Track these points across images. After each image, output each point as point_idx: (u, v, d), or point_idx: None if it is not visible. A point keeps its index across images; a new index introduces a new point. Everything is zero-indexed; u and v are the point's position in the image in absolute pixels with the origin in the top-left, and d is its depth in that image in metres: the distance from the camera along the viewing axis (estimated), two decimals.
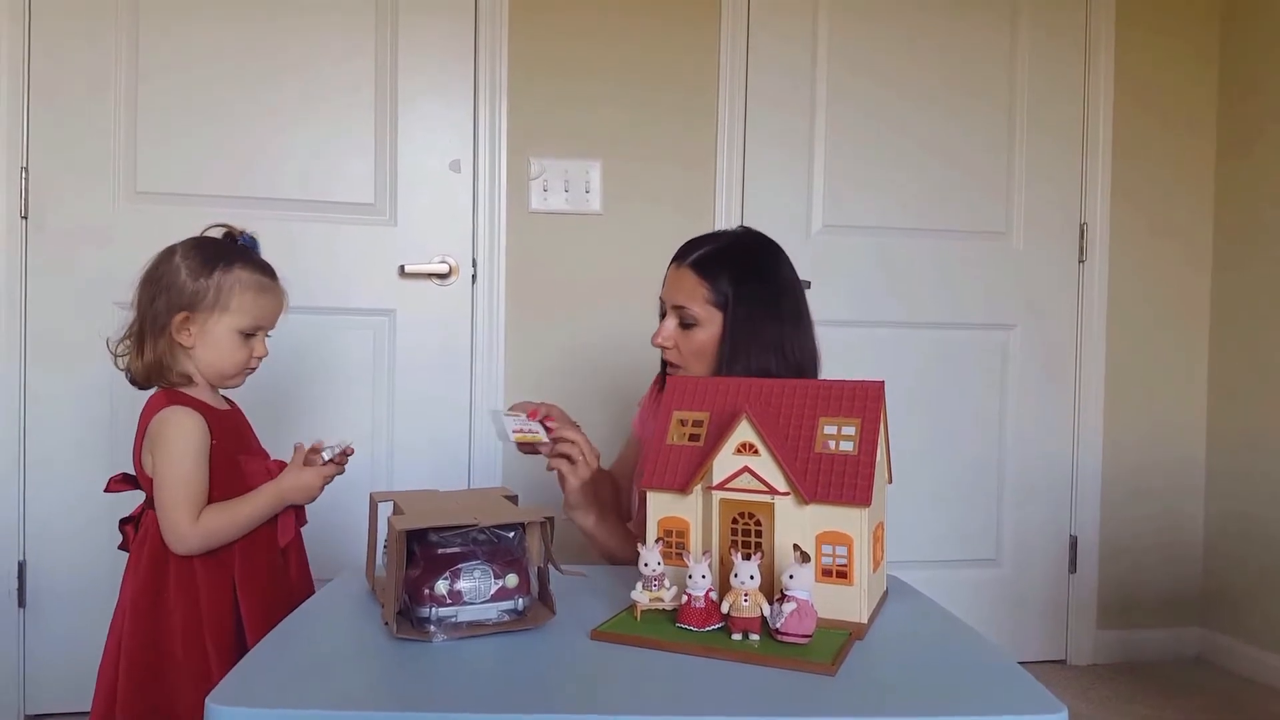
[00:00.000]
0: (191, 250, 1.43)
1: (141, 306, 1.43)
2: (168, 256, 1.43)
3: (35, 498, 2.26)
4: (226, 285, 1.42)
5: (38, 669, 2.26)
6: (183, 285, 1.40)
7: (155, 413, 1.39)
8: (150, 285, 1.42)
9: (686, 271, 1.56)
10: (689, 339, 1.55)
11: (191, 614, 1.36)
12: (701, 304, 1.54)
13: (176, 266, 1.41)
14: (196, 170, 2.31)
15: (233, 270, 1.43)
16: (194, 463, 1.38)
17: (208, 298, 1.41)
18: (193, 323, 1.41)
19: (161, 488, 1.36)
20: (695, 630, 1.05)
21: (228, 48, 2.32)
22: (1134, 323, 2.80)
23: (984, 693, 0.95)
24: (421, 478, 2.40)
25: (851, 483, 1.07)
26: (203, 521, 1.36)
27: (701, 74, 2.55)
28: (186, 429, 1.38)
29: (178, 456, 1.37)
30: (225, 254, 1.44)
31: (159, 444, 1.38)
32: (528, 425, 1.47)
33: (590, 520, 1.56)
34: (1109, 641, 2.79)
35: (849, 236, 2.65)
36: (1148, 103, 2.78)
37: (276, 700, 0.89)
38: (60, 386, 2.26)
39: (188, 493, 1.36)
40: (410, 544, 1.08)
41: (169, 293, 1.40)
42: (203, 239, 1.47)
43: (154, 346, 1.41)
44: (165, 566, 1.37)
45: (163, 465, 1.37)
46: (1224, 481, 2.79)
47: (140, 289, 1.44)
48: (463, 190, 2.45)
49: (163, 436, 1.38)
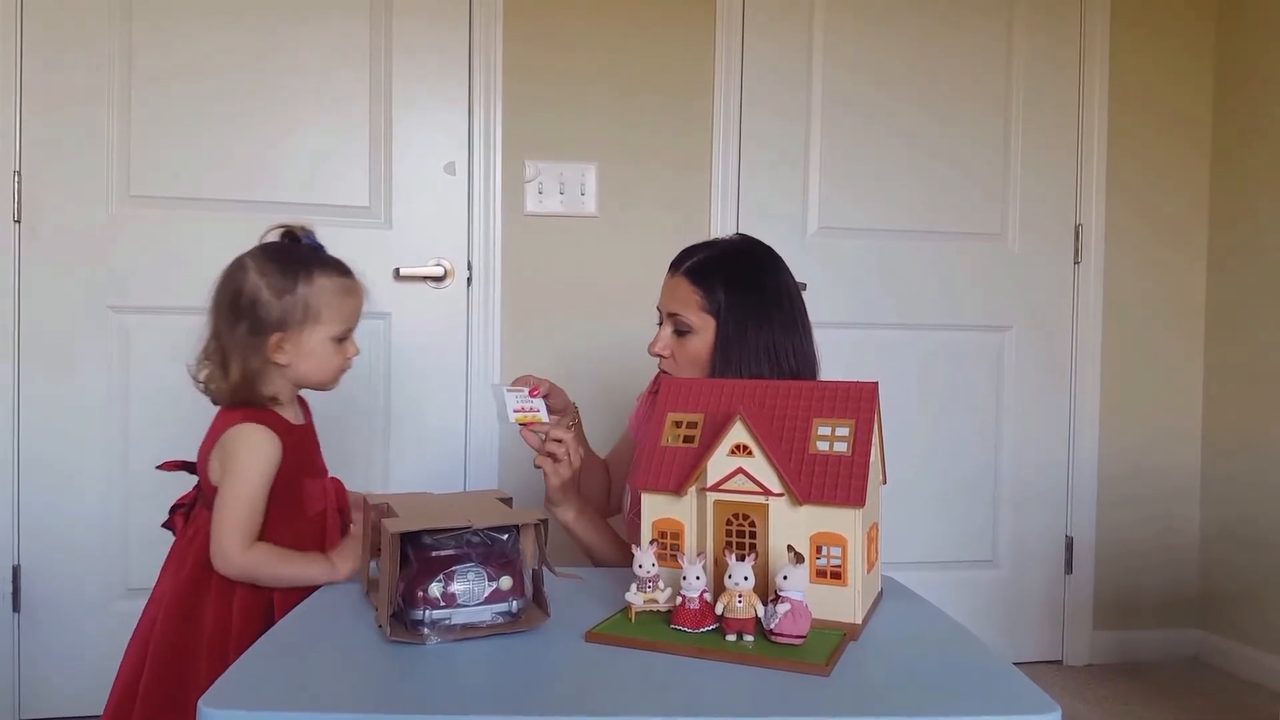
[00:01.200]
0: (267, 265, 1.37)
1: (220, 328, 1.37)
2: (241, 274, 1.37)
3: (29, 502, 2.25)
4: (314, 297, 1.37)
5: (32, 673, 2.26)
6: (269, 305, 1.35)
7: (232, 425, 1.34)
8: (230, 308, 1.36)
9: (681, 279, 1.57)
10: (684, 347, 1.56)
11: (222, 626, 1.32)
12: (695, 311, 1.55)
13: (256, 286, 1.35)
14: (190, 174, 2.31)
15: (314, 280, 1.37)
16: (259, 486, 1.33)
17: (297, 314, 1.36)
18: (286, 341, 1.37)
19: (223, 504, 1.32)
20: (689, 631, 1.05)
21: (221, 52, 2.32)
22: (1130, 324, 2.80)
23: (977, 693, 0.94)
24: (416, 481, 2.39)
25: (845, 484, 1.07)
26: (252, 555, 1.31)
27: (697, 76, 2.55)
28: (262, 449, 1.34)
29: (246, 476, 1.33)
30: (301, 262, 1.39)
31: (230, 458, 1.33)
32: (529, 403, 1.49)
33: (570, 515, 1.59)
34: (1105, 642, 2.79)
35: (845, 239, 2.65)
36: (1143, 104, 2.79)
37: (268, 703, 0.89)
38: (54, 390, 2.25)
39: (246, 514, 1.32)
40: (404, 547, 1.08)
41: (255, 315, 1.35)
42: (271, 248, 1.41)
43: (242, 367, 1.35)
44: (209, 572, 1.33)
45: (229, 482, 1.32)
46: (1220, 482, 2.79)
47: (218, 311, 1.37)
48: (458, 193, 2.45)
49: (235, 453, 1.33)
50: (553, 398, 1.61)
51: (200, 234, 2.30)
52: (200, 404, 1.43)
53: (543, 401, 1.54)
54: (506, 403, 1.49)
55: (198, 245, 2.30)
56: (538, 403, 1.52)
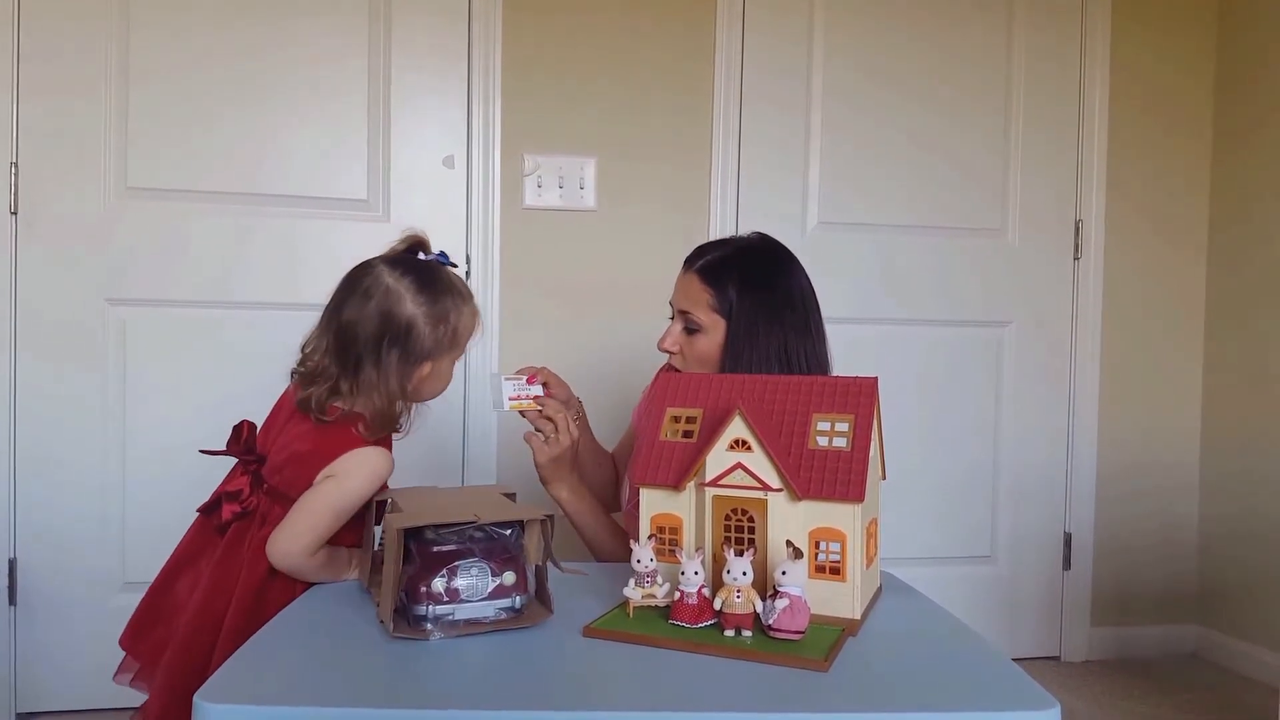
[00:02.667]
0: (421, 292, 1.33)
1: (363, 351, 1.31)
2: (396, 300, 1.31)
3: (26, 495, 2.25)
4: (462, 328, 1.36)
5: (29, 667, 2.25)
6: (424, 336, 1.32)
7: (356, 448, 1.30)
8: (376, 329, 1.31)
9: (693, 277, 1.56)
10: (693, 345, 1.56)
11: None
12: (705, 310, 1.54)
13: (413, 315, 1.31)
14: (188, 166, 2.30)
15: (461, 310, 1.36)
16: (356, 503, 1.30)
17: (446, 343, 1.35)
18: (433, 371, 1.36)
19: (313, 508, 1.28)
20: (688, 627, 1.04)
21: (219, 44, 2.31)
22: (1129, 319, 2.80)
23: (977, 688, 0.94)
24: (416, 475, 2.38)
25: (844, 479, 1.07)
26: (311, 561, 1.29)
27: (697, 70, 2.55)
28: (378, 473, 1.31)
29: (350, 494, 1.29)
30: (447, 290, 1.36)
31: (346, 475, 1.29)
32: (524, 390, 1.50)
33: (563, 493, 1.60)
34: (1103, 638, 2.79)
35: (844, 234, 2.64)
36: (1144, 99, 2.78)
37: (267, 697, 0.89)
38: (51, 383, 2.25)
39: (330, 524, 1.29)
40: (407, 542, 1.07)
41: (408, 344, 1.32)
42: (415, 269, 1.35)
43: (387, 395, 1.32)
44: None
45: (332, 491, 1.28)
46: (1219, 478, 2.79)
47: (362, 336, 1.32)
48: (457, 187, 2.44)
49: (353, 473, 1.29)
50: (554, 388, 1.61)
51: (198, 226, 2.29)
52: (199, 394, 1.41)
53: (540, 388, 1.55)
54: (502, 390, 1.50)
55: (195, 238, 2.30)
56: (535, 389, 1.53)
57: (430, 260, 1.38)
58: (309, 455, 1.32)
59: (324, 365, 1.34)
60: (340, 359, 1.33)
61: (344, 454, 1.30)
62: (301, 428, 1.35)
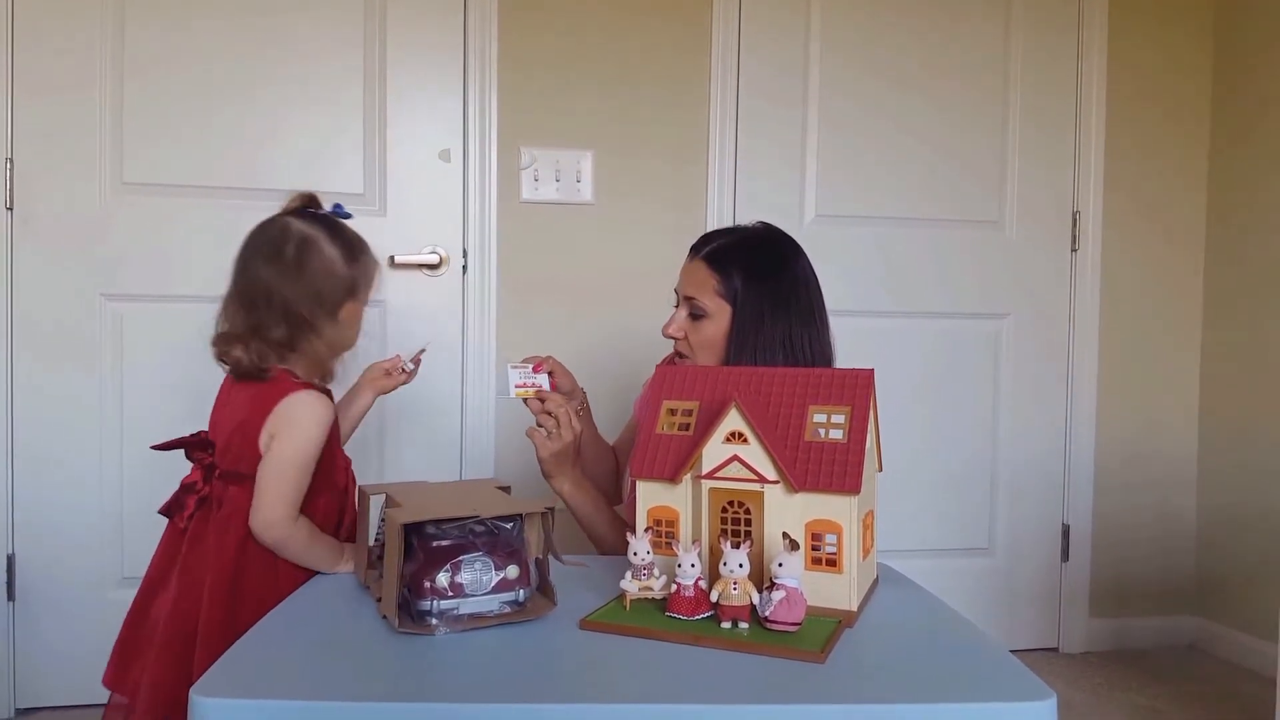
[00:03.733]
0: (334, 237, 1.39)
1: (290, 298, 1.34)
2: (310, 244, 1.36)
3: (24, 491, 2.25)
4: (368, 268, 1.41)
5: (27, 663, 2.25)
6: (342, 275, 1.37)
7: (288, 394, 1.33)
8: (299, 275, 1.35)
9: (699, 264, 1.57)
10: (698, 331, 1.56)
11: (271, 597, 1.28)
12: (711, 296, 1.54)
13: (331, 256, 1.37)
14: (184, 161, 2.29)
15: (367, 252, 1.42)
16: (314, 452, 1.33)
17: (361, 283, 1.40)
18: (353, 309, 1.40)
19: (276, 468, 1.30)
20: (685, 619, 1.05)
21: (215, 38, 2.30)
22: (1127, 311, 2.80)
23: (973, 679, 0.94)
24: (412, 470, 2.39)
25: (841, 471, 1.07)
26: (297, 529, 1.31)
27: (694, 63, 2.54)
28: (322, 418, 1.34)
29: (305, 443, 1.32)
30: (352, 234, 1.43)
31: (290, 425, 1.31)
32: (531, 379, 1.53)
33: (565, 487, 1.61)
34: (1101, 630, 2.80)
35: (842, 226, 2.64)
36: (1141, 91, 2.78)
37: (268, 692, 0.88)
38: (48, 378, 2.25)
39: (299, 480, 1.31)
40: (408, 537, 1.07)
41: (331, 283, 1.36)
42: (322, 219, 1.41)
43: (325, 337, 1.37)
44: (249, 548, 1.31)
45: (286, 447, 1.31)
46: (1217, 470, 2.79)
47: (280, 279, 1.35)
48: (453, 180, 2.43)
49: (297, 420, 1.32)
50: (559, 378, 1.63)
51: (194, 222, 2.28)
52: (196, 390, 1.41)
53: (546, 377, 1.57)
54: (509, 378, 1.52)
55: (191, 233, 2.29)
56: (540, 378, 1.55)
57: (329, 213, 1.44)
58: (248, 419, 1.34)
59: (251, 323, 1.36)
60: (265, 313, 1.35)
61: (278, 404, 1.32)
62: (240, 398, 1.37)
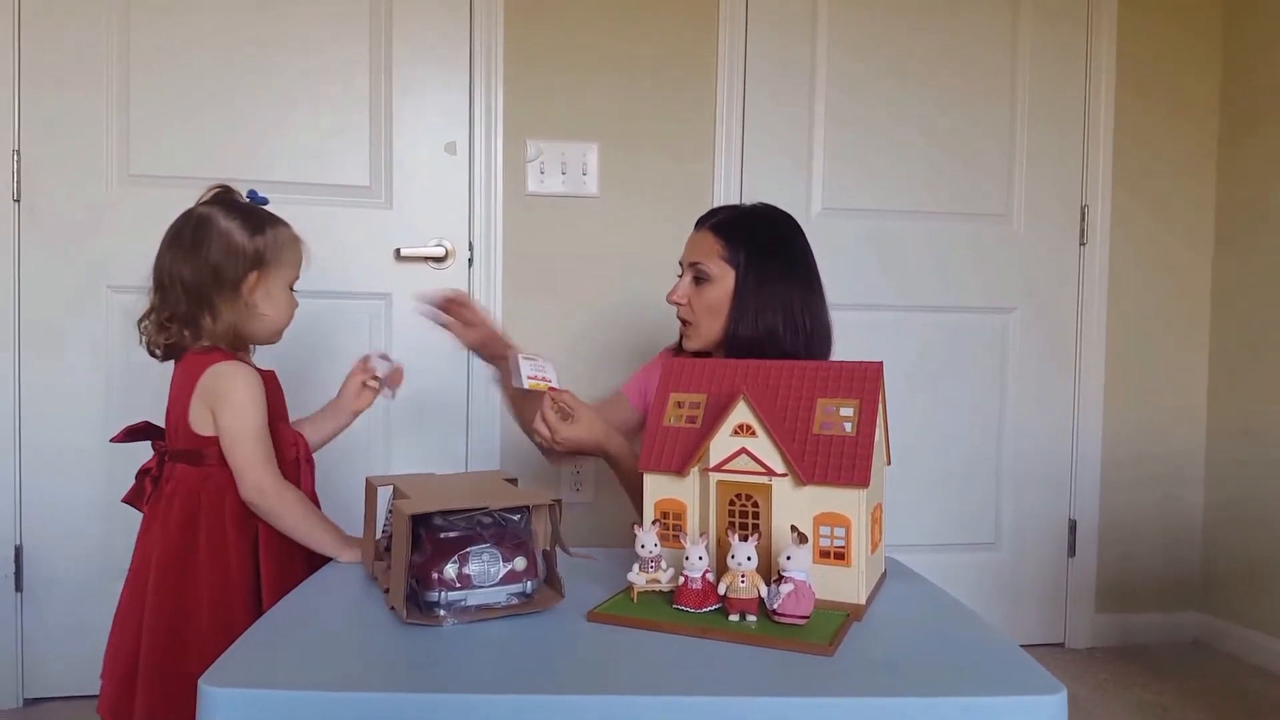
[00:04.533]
0: (230, 212, 1.40)
1: (187, 276, 1.37)
2: (205, 221, 1.39)
3: (31, 482, 2.25)
4: (280, 240, 1.42)
5: (35, 653, 2.26)
6: (243, 246, 1.38)
7: (207, 368, 1.35)
8: (195, 253, 1.37)
9: (705, 232, 1.65)
10: (702, 295, 1.62)
11: (220, 577, 1.33)
12: (716, 260, 1.61)
13: (226, 229, 1.38)
14: (190, 153, 2.29)
15: (276, 226, 1.43)
16: (263, 417, 1.36)
17: (269, 255, 1.40)
18: (260, 282, 1.40)
19: (239, 438, 1.33)
20: (692, 611, 1.04)
21: (221, 30, 2.30)
22: (1134, 306, 2.79)
23: (982, 673, 0.94)
24: (418, 461, 2.39)
25: (849, 464, 1.07)
26: (288, 490, 1.34)
27: (700, 56, 2.53)
28: (251, 384, 1.36)
29: (250, 410, 1.34)
30: (260, 211, 1.44)
31: (225, 398, 1.34)
32: (542, 371, 1.52)
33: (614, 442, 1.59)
34: (1107, 625, 2.79)
35: (848, 220, 2.63)
36: (1150, 85, 2.76)
37: (273, 682, 0.88)
38: (55, 370, 2.25)
39: (265, 444, 1.34)
40: (415, 528, 1.07)
41: (229, 257, 1.37)
42: (224, 200, 1.44)
43: (228, 310, 1.37)
44: (197, 526, 1.34)
45: (235, 416, 1.33)
46: (1223, 466, 2.78)
47: (178, 259, 1.39)
48: (459, 173, 2.43)
49: (229, 390, 1.34)
50: None
51: None
52: None
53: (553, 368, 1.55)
54: (521, 369, 1.52)
55: None
56: (550, 370, 1.54)
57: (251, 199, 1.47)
58: (177, 397, 1.38)
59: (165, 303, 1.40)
60: (169, 294, 1.39)
61: (200, 379, 1.35)
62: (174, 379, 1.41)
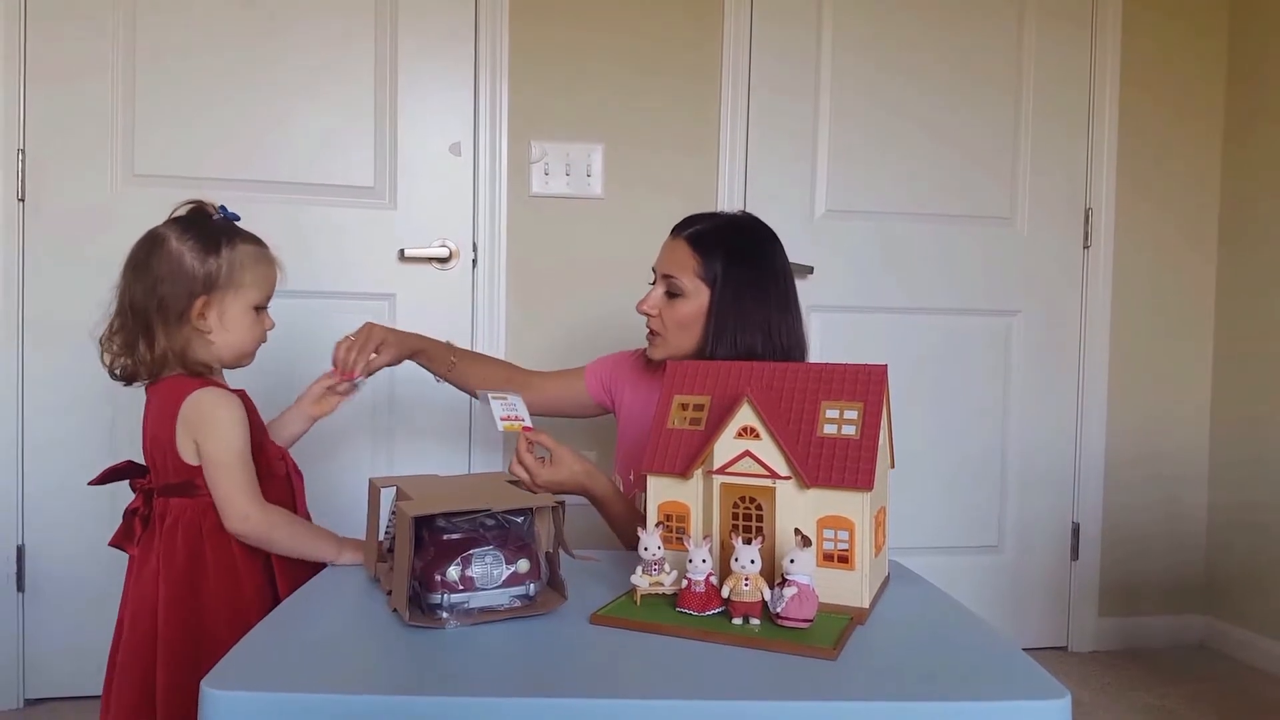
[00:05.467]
0: (185, 233, 1.37)
1: (136, 298, 1.36)
2: (158, 243, 1.36)
3: (34, 482, 2.25)
4: (236, 261, 1.37)
5: (37, 653, 2.26)
6: (191, 270, 1.34)
7: (186, 396, 1.33)
8: (144, 275, 1.35)
9: (681, 243, 1.59)
10: (673, 309, 1.58)
11: (235, 596, 1.32)
12: (690, 276, 1.56)
13: (177, 251, 1.34)
14: (195, 153, 2.29)
15: (235, 246, 1.38)
16: (245, 443, 1.33)
17: (221, 278, 1.36)
18: (210, 306, 1.36)
19: (221, 467, 1.30)
20: (695, 615, 1.04)
21: (226, 30, 2.30)
22: (1139, 309, 2.78)
23: (986, 677, 0.94)
24: (420, 463, 2.39)
25: (853, 467, 1.06)
26: (273, 514, 1.31)
27: (704, 57, 2.53)
28: (231, 412, 1.34)
29: (232, 437, 1.32)
30: (220, 230, 1.39)
31: (208, 426, 1.32)
32: (513, 410, 1.48)
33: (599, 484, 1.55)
34: (1111, 629, 2.79)
35: (853, 221, 2.63)
36: (1154, 87, 2.76)
37: (280, 684, 0.88)
38: (58, 370, 2.25)
39: (248, 471, 1.32)
40: (418, 530, 1.07)
41: (177, 280, 1.34)
42: (185, 219, 1.40)
43: (166, 337, 1.34)
44: (202, 555, 1.32)
45: (218, 447, 1.31)
46: (1227, 468, 2.78)
47: (130, 281, 1.37)
48: (463, 174, 2.43)
49: (211, 419, 1.32)
50: None
51: None
52: None
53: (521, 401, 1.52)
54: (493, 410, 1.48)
55: None
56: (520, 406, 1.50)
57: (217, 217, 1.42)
58: (158, 430, 1.35)
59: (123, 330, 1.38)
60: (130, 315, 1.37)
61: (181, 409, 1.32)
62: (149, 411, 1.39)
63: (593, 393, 1.84)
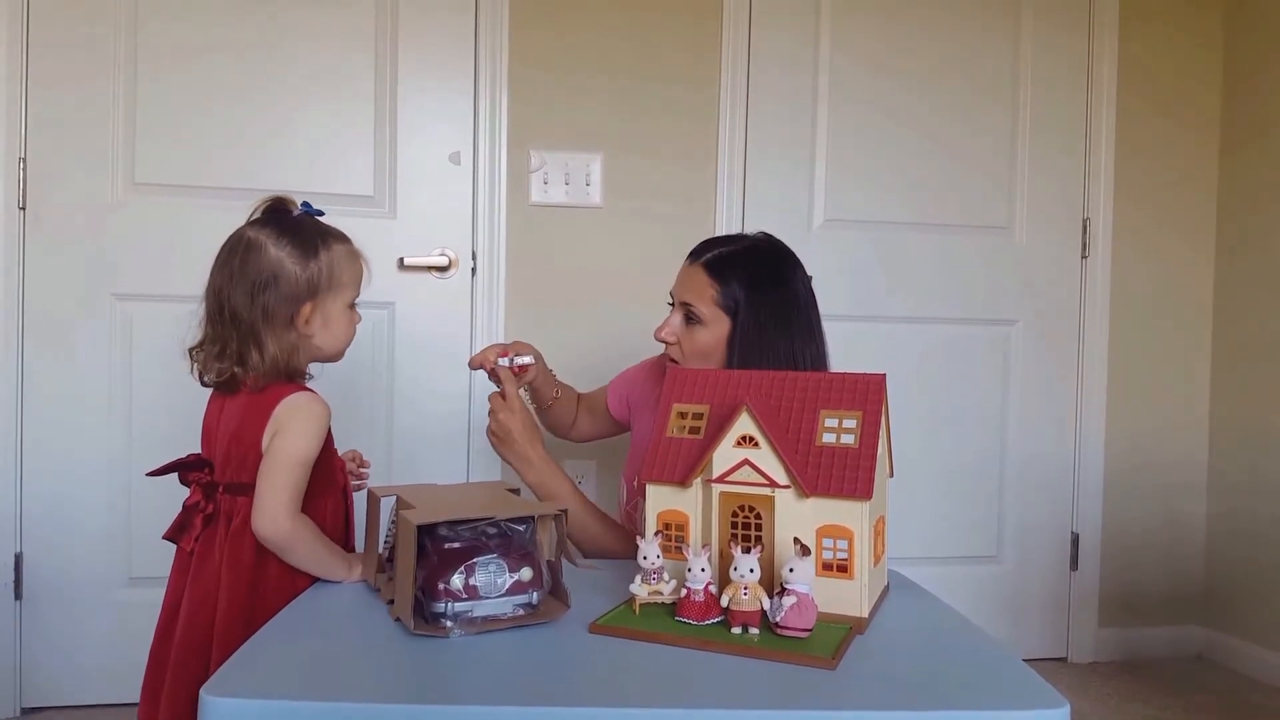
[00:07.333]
0: (283, 236, 1.35)
1: (238, 307, 1.32)
2: (254, 249, 1.33)
3: (32, 489, 2.25)
4: (334, 263, 1.36)
5: (34, 662, 2.25)
6: (295, 276, 1.33)
7: (283, 399, 1.31)
8: (244, 282, 1.32)
9: (699, 270, 1.55)
10: (691, 337, 1.54)
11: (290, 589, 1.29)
12: (709, 304, 1.52)
13: (277, 258, 1.33)
14: (195, 161, 2.30)
15: (331, 247, 1.37)
16: (312, 453, 1.31)
17: (322, 281, 1.35)
18: (316, 311, 1.35)
19: (275, 467, 1.28)
20: (694, 624, 1.04)
21: (226, 38, 2.30)
22: (1136, 318, 2.79)
23: (986, 687, 0.94)
24: (420, 472, 2.39)
25: (852, 476, 1.06)
26: (301, 525, 1.28)
27: (703, 66, 2.54)
28: (320, 418, 1.33)
29: (303, 440, 1.30)
30: (313, 231, 1.38)
31: (293, 424, 1.30)
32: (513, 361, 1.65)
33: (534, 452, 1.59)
34: (1110, 639, 2.78)
35: (851, 231, 2.63)
36: (1151, 96, 2.77)
37: (281, 692, 0.88)
38: (57, 377, 2.25)
39: (299, 478, 1.29)
40: (420, 539, 1.07)
41: (279, 286, 1.32)
42: (275, 220, 1.38)
43: (276, 344, 1.32)
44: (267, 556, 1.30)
45: (287, 445, 1.29)
46: (1226, 478, 2.78)
47: (229, 289, 1.33)
48: (463, 183, 2.43)
49: (299, 417, 1.31)
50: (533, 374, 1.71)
51: (204, 222, 2.27)
52: (204, 391, 1.41)
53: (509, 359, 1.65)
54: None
55: (201, 233, 2.25)
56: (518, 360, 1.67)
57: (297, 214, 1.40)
58: (243, 428, 1.33)
59: (216, 335, 1.35)
60: (231, 324, 1.34)
61: (276, 409, 1.31)
62: (232, 408, 1.35)
63: (615, 412, 1.87)
